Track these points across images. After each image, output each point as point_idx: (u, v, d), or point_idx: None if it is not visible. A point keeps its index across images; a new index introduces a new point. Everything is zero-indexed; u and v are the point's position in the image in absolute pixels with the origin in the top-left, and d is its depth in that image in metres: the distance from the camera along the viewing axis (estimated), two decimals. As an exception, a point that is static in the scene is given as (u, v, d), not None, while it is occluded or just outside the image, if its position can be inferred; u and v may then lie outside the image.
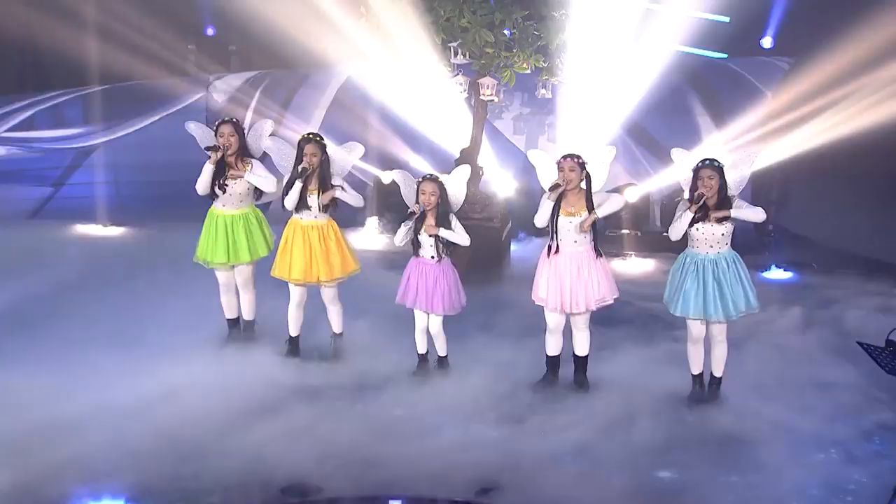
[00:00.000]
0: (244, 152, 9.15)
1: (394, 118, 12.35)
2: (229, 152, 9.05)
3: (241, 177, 9.09)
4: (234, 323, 9.53)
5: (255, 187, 9.22)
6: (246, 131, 9.20)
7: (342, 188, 8.93)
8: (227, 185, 9.11)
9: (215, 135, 9.08)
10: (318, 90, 13.14)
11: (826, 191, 10.73)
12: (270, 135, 9.14)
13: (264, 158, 9.22)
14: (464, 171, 8.90)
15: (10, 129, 13.04)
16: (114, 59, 12.37)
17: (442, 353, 9.06)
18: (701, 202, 8.22)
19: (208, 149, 9.01)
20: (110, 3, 12.29)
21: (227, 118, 9.23)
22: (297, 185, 8.88)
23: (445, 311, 8.81)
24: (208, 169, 9.03)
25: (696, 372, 8.66)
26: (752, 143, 11.60)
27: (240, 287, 9.42)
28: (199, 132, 9.25)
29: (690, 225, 8.32)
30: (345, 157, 9.05)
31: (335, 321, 9.34)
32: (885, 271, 10.99)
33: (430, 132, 12.35)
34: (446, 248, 8.75)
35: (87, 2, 12.42)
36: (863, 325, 9.88)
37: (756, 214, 8.27)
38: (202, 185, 9.09)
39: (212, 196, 9.16)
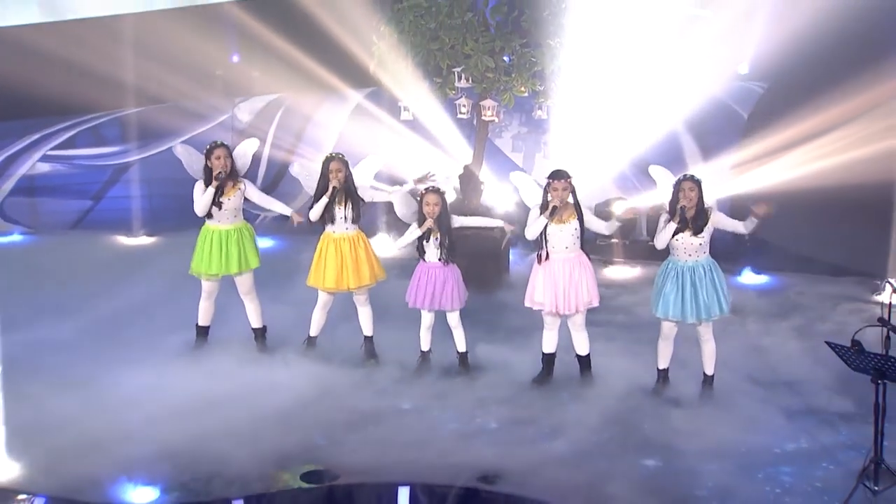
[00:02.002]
0: (234, 173, 9.08)
1: (403, 137, 12.35)
2: (225, 173, 8.97)
3: (238, 189, 9.03)
4: (204, 331, 9.40)
5: (243, 203, 9.17)
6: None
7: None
8: (222, 203, 9.06)
9: (208, 158, 8.97)
10: (333, 112, 13.15)
11: (798, 204, 10.70)
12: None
13: (247, 175, 9.21)
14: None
15: (54, 148, 13.07)
16: (148, 84, 12.42)
17: (462, 349, 9.07)
18: (682, 213, 8.27)
19: (215, 177, 8.92)
20: (146, 34, 12.33)
21: (218, 142, 9.12)
22: (324, 199, 8.88)
23: (458, 306, 8.88)
24: (209, 192, 8.94)
25: (662, 367, 8.72)
26: (731, 162, 11.58)
27: (244, 296, 9.35)
28: (186, 155, 9.19)
29: (674, 235, 8.37)
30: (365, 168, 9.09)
31: (366, 324, 9.30)
32: (851, 277, 10.97)
33: (436, 150, 12.37)
34: (449, 252, 8.80)
35: (125, 33, 12.46)
36: (831, 326, 9.90)
37: (737, 226, 8.34)
38: (202, 207, 9.01)
39: (208, 215, 9.10)
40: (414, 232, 8.77)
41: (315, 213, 8.95)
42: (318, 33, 12.28)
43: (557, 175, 8.44)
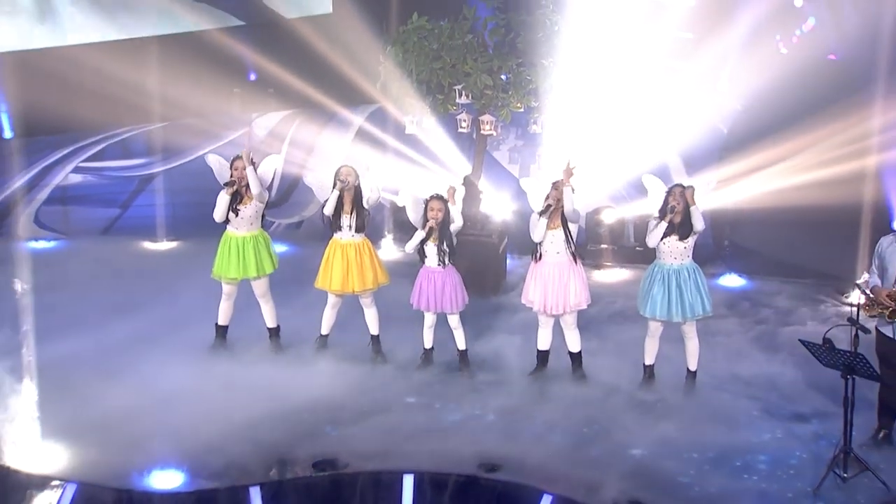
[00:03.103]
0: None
1: (407, 149, 12.37)
2: (241, 183, 9.03)
3: (252, 203, 9.04)
4: (223, 330, 9.41)
5: (263, 213, 9.22)
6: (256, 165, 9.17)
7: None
8: (239, 210, 9.09)
9: (231, 167, 9.07)
10: (342, 126, 13.15)
11: (775, 214, 10.72)
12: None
13: (269, 189, 9.26)
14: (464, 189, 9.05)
15: (85, 160, 13.09)
16: (172, 101, 12.45)
17: (462, 347, 9.06)
18: (673, 213, 8.33)
19: (226, 184, 9.00)
20: (169, 56, 12.36)
21: (240, 154, 9.17)
22: (334, 194, 8.90)
23: (458, 309, 8.88)
24: (224, 199, 8.99)
25: (648, 362, 8.75)
26: (713, 175, 11.59)
27: (259, 298, 9.35)
28: (217, 164, 9.27)
29: (662, 238, 8.42)
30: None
31: (372, 324, 9.29)
32: (824, 281, 10.97)
33: (439, 161, 12.39)
34: (448, 256, 8.81)
35: (151, 54, 12.51)
36: (804, 325, 9.90)
37: (699, 223, 8.37)
38: (220, 213, 9.05)
39: (226, 221, 9.13)
40: (420, 234, 8.80)
41: (328, 209, 8.97)
42: (329, 53, 12.31)
43: (558, 179, 8.53)
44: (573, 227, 8.62)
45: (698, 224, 8.35)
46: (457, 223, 8.79)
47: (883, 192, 10.24)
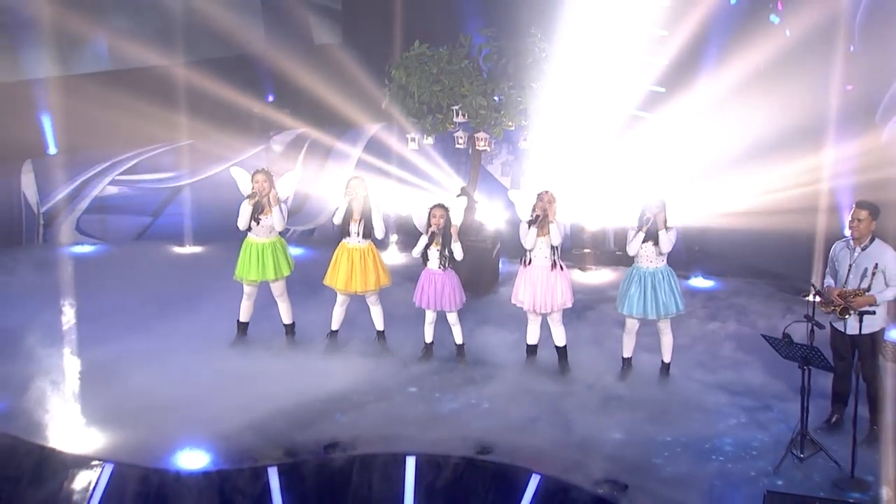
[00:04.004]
0: (273, 195, 9.09)
1: (409, 164, 12.39)
2: (262, 194, 9.04)
3: (272, 211, 9.06)
4: (244, 326, 9.43)
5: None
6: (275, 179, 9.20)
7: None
8: (260, 219, 9.10)
9: (252, 180, 9.06)
10: (351, 143, 13.15)
11: (742, 223, 10.72)
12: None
13: (287, 200, 9.27)
14: (462, 201, 9.07)
15: (120, 174, 13.10)
16: (198, 121, 12.48)
17: (459, 342, 9.06)
18: (649, 224, 8.36)
19: (248, 196, 9.01)
20: (197, 79, 12.38)
21: (261, 168, 9.21)
22: (343, 203, 8.94)
23: (455, 307, 8.89)
24: (247, 209, 9.00)
25: (626, 355, 8.77)
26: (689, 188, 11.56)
27: (277, 298, 9.35)
28: (239, 176, 9.27)
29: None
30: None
31: (378, 320, 9.30)
32: (784, 282, 10.97)
33: (437, 174, 12.42)
34: (449, 260, 8.83)
35: (179, 79, 12.54)
36: (766, 322, 9.91)
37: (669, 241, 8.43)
38: (243, 222, 9.05)
39: (248, 229, 9.14)
40: (423, 239, 8.81)
41: (337, 219, 9.00)
42: (339, 77, 12.35)
43: (542, 191, 8.57)
44: (553, 226, 8.63)
45: (666, 247, 8.41)
46: (457, 256, 8.79)
47: (836, 203, 10.29)
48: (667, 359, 8.71)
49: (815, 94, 10.28)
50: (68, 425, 7.74)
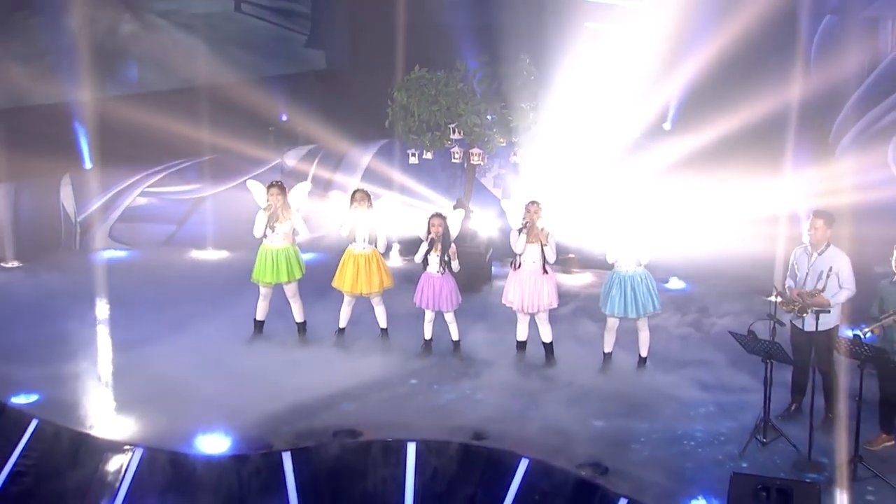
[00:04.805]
0: (286, 206, 9.19)
1: (410, 176, 12.42)
2: (277, 205, 9.08)
3: (288, 219, 9.11)
4: (260, 324, 9.44)
5: (293, 229, 9.24)
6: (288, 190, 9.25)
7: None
8: (275, 227, 9.14)
9: (267, 192, 9.12)
10: (357, 158, 13.18)
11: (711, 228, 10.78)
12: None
13: (299, 210, 9.30)
14: (459, 213, 9.13)
15: (149, 186, 13.15)
16: (218, 138, 12.53)
17: (455, 338, 9.07)
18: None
19: (264, 207, 9.08)
20: (218, 100, 12.43)
21: (275, 181, 9.26)
22: (349, 215, 9.00)
23: (453, 308, 8.91)
24: (262, 219, 9.06)
25: (607, 350, 8.78)
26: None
27: (290, 299, 9.37)
28: (255, 189, 9.32)
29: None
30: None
31: (381, 319, 9.32)
32: (749, 284, 10.97)
33: (435, 186, 12.46)
34: (447, 265, 8.87)
35: (202, 99, 12.59)
36: (732, 320, 9.82)
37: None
38: (258, 230, 9.11)
39: (263, 236, 9.20)
40: (424, 246, 8.85)
41: (344, 230, 9.05)
42: (346, 97, 12.37)
43: (533, 202, 8.61)
44: (549, 247, 8.68)
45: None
46: (454, 270, 8.83)
47: (796, 212, 10.38)
48: (643, 353, 8.75)
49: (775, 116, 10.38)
50: (103, 413, 7.81)
